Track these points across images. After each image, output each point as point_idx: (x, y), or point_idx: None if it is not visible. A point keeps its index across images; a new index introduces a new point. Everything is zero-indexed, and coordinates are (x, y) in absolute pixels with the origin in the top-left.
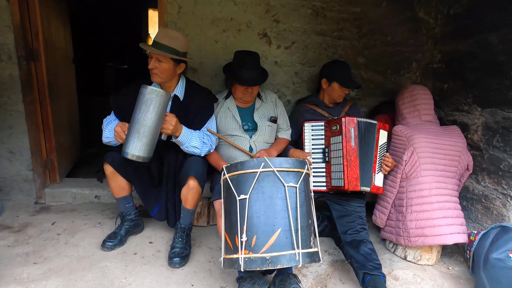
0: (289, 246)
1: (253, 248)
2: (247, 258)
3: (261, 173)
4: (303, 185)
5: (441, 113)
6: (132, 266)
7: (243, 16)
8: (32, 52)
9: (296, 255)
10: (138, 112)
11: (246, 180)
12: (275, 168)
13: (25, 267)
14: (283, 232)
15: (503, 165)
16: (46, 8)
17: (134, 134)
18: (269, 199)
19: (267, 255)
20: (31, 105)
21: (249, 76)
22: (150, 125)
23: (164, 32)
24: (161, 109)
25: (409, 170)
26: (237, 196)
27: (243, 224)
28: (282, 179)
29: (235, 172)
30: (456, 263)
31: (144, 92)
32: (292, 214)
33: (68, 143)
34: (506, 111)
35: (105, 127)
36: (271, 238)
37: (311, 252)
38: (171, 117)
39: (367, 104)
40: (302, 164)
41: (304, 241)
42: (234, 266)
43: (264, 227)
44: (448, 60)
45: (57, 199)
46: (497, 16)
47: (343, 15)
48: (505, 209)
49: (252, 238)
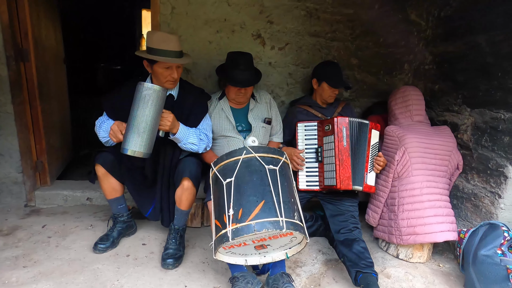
0: (273, 214)
1: (239, 220)
2: (234, 228)
3: (243, 159)
4: (282, 169)
5: (432, 114)
6: (124, 268)
7: (237, 17)
8: (21, 52)
9: (280, 221)
10: (137, 108)
11: (231, 167)
12: (256, 154)
13: (14, 270)
14: (266, 204)
15: (491, 164)
16: (36, 7)
17: (133, 130)
18: (252, 178)
19: (252, 222)
20: (21, 106)
21: (243, 77)
22: (149, 121)
23: (168, 37)
24: (159, 105)
25: (401, 170)
26: (223, 181)
27: (230, 202)
28: (262, 162)
29: (221, 163)
30: (447, 261)
31: (142, 88)
32: (274, 190)
33: (59, 144)
34: (494, 111)
35: (99, 128)
36: (256, 209)
37: (295, 222)
38: (168, 114)
39: (360, 105)
40: (280, 153)
41: (287, 213)
42: (223, 240)
43: (249, 200)
44: (438, 61)
45: (48, 202)
46: (485, 18)
47: (336, 17)
48: (493, 207)
49: (238, 212)
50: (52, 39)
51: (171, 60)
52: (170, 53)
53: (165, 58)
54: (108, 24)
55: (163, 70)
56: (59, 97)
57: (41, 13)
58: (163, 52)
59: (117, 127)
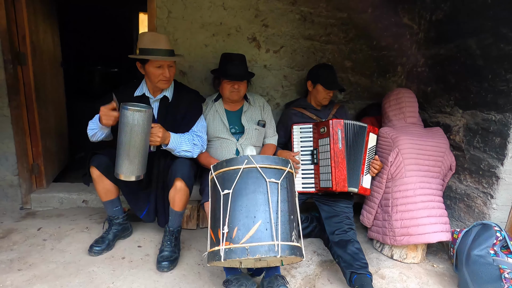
0: (268, 238)
1: (233, 239)
2: (227, 248)
3: (244, 169)
4: (285, 182)
5: (425, 115)
6: (120, 270)
7: (233, 20)
8: (18, 55)
9: (276, 246)
10: (124, 134)
11: (231, 177)
12: (258, 164)
13: (9, 274)
14: (263, 224)
15: (483, 165)
16: (34, 11)
17: (124, 157)
18: (251, 193)
19: (246, 245)
20: (17, 109)
21: (236, 71)
22: (138, 145)
23: (158, 37)
24: (147, 127)
25: (395, 171)
26: (221, 192)
27: (226, 217)
28: (264, 175)
29: (221, 169)
30: (441, 261)
31: (126, 114)
32: (272, 208)
33: (56, 147)
34: (485, 112)
35: (90, 123)
36: (251, 230)
37: (292, 245)
38: (157, 129)
39: (355, 107)
40: (284, 163)
41: (284, 234)
42: (216, 258)
43: (245, 219)
44: (431, 64)
45: (44, 204)
46: (475, 22)
47: (331, 20)
48: (485, 207)
49: (233, 230)
50: (50, 43)
51: (161, 58)
52: (160, 51)
53: (155, 57)
54: (104, 27)
55: (155, 69)
56: (55, 101)
57: (39, 16)
58: (153, 51)
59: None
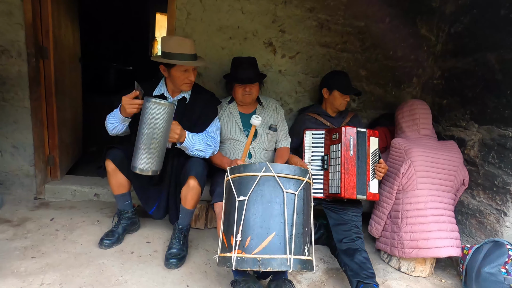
0: (281, 251)
1: (246, 249)
2: (239, 257)
3: (261, 177)
4: (302, 193)
5: (439, 128)
6: (128, 264)
7: (250, 24)
8: (41, 49)
9: (288, 260)
10: (146, 126)
11: (247, 183)
12: (276, 173)
13: (23, 260)
14: (277, 237)
15: (497, 181)
16: (57, 6)
17: (144, 150)
18: (267, 203)
19: (258, 256)
20: (37, 101)
21: (246, 75)
22: (160, 139)
23: (185, 41)
24: (169, 121)
25: (406, 183)
26: (236, 197)
27: (239, 225)
28: (281, 185)
29: (237, 174)
30: (449, 276)
31: (150, 106)
32: (288, 220)
33: (71, 140)
34: (502, 128)
35: (108, 118)
36: (265, 241)
37: (303, 259)
38: (176, 126)
39: (367, 116)
40: (303, 173)
41: (297, 248)
42: (227, 264)
43: (259, 229)
44: (447, 76)
45: (57, 196)
46: (495, 36)
47: (347, 29)
48: (498, 224)
49: (246, 239)
50: (70, 38)
51: (189, 63)
52: (187, 56)
53: (183, 62)
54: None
55: (181, 73)
56: (72, 95)
57: (62, 12)
58: (181, 56)
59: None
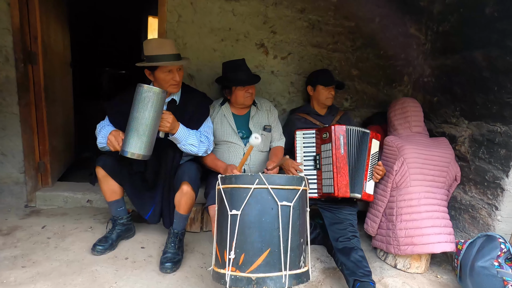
0: (276, 268)
1: (240, 267)
2: (233, 276)
3: (254, 190)
4: (297, 202)
5: (430, 125)
6: (123, 270)
7: (241, 26)
8: (30, 55)
9: (283, 277)
10: (136, 110)
11: (240, 195)
12: (270, 185)
13: (12, 270)
14: (272, 253)
15: (488, 176)
16: (46, 11)
17: (133, 133)
18: (261, 217)
19: (253, 275)
20: (26, 107)
21: (248, 77)
22: (149, 123)
23: (164, 42)
24: (159, 107)
25: (399, 180)
26: (229, 211)
27: (232, 241)
28: (276, 197)
29: (229, 185)
30: (445, 272)
31: (141, 90)
32: (283, 235)
33: (62, 146)
34: (491, 124)
35: (99, 132)
36: (259, 258)
37: (299, 273)
38: (168, 115)
39: (360, 115)
40: (298, 181)
41: (293, 262)
42: (221, 281)
43: (253, 246)
44: (437, 74)
45: (48, 203)
46: (481, 34)
47: (338, 29)
48: (490, 218)
49: (240, 256)
50: (60, 43)
51: (170, 63)
52: (168, 57)
53: (165, 62)
54: (114, 29)
55: (165, 74)
56: (64, 100)
57: (51, 17)
58: (162, 57)
59: (114, 137)
